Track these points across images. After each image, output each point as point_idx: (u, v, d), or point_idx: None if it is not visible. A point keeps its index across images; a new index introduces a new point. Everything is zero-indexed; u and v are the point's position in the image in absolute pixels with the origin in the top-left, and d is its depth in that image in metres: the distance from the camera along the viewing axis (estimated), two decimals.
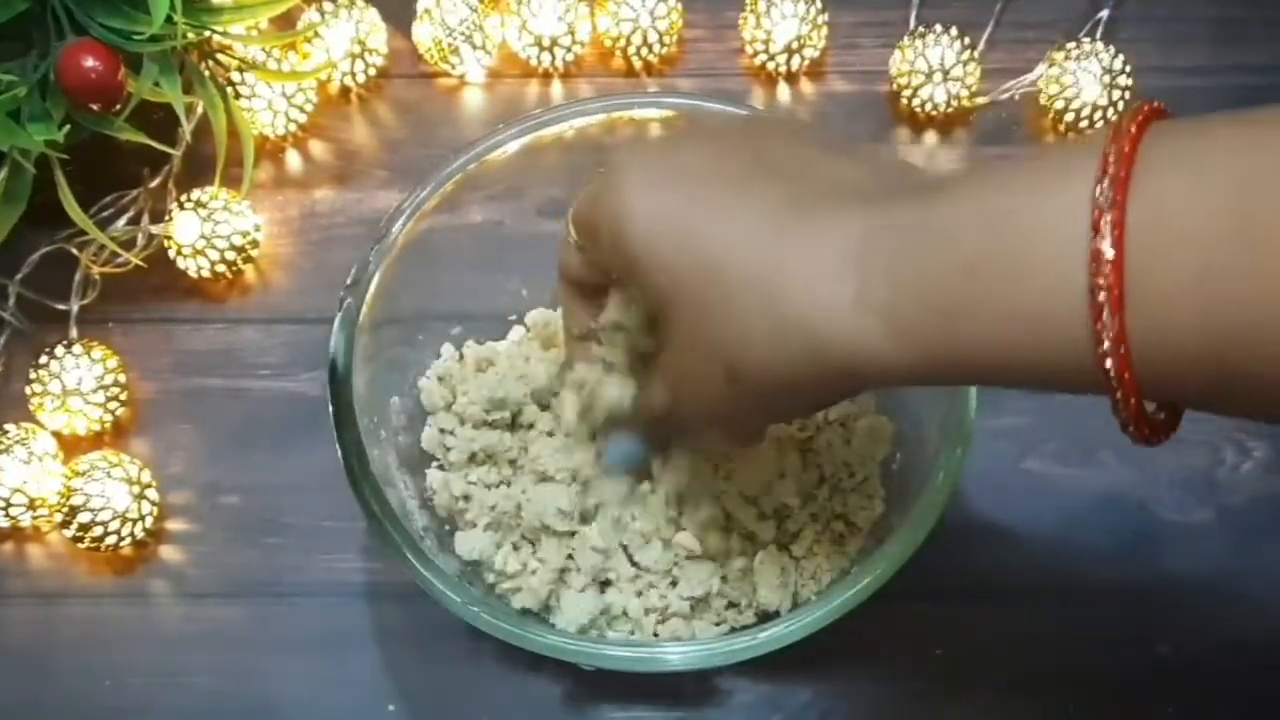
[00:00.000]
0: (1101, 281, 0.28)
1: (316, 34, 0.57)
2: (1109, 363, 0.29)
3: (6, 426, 0.51)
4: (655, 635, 0.46)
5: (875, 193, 0.34)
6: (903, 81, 0.57)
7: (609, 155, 0.40)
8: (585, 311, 0.43)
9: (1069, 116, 0.57)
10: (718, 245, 0.34)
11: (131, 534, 0.49)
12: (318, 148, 0.58)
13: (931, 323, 0.32)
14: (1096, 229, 0.28)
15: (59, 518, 0.49)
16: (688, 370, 0.37)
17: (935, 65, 0.56)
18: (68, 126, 0.49)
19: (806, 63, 0.59)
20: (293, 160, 0.58)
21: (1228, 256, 0.27)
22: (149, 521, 0.50)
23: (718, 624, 0.46)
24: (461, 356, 0.50)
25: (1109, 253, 0.28)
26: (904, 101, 0.58)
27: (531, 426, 0.48)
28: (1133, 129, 0.29)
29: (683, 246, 0.35)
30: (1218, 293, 0.27)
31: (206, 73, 0.53)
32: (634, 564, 0.46)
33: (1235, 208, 0.27)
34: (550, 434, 0.47)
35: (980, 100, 0.58)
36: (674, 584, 0.46)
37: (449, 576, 0.42)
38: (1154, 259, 0.28)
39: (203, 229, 0.54)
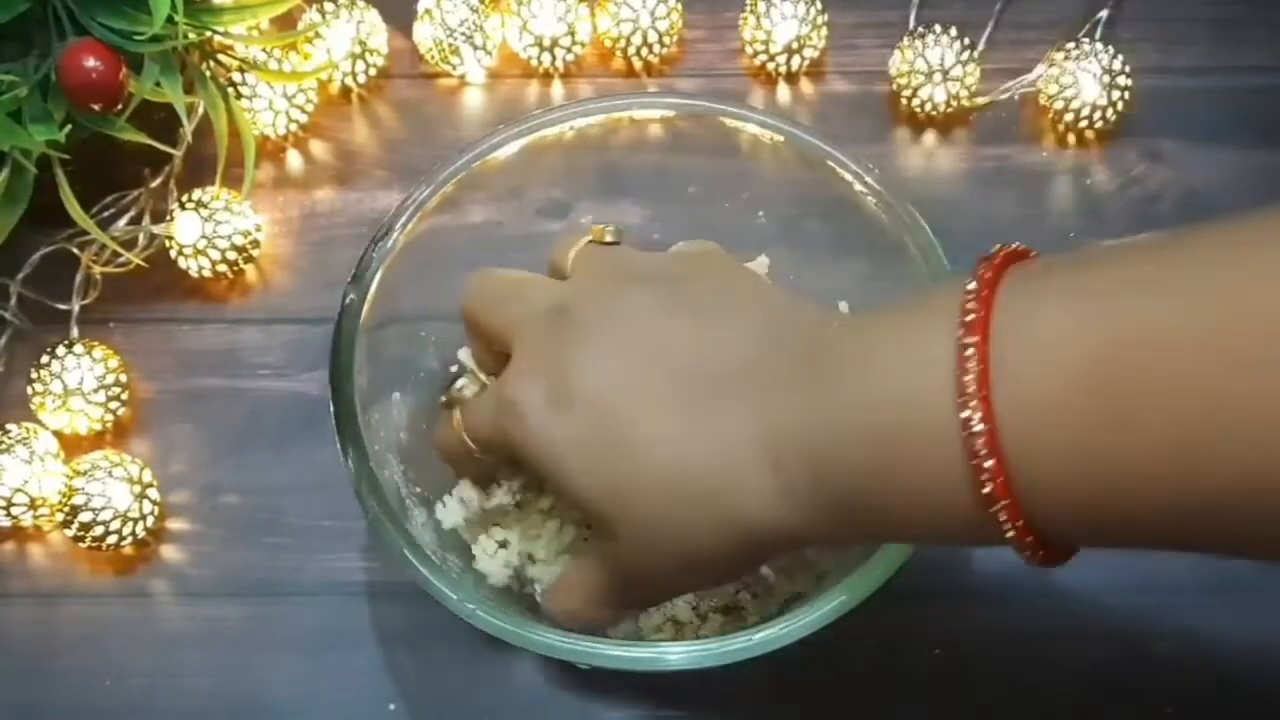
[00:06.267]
0: (977, 438, 0.29)
1: (317, 34, 0.58)
2: (1003, 521, 0.30)
3: (8, 426, 0.51)
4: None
5: (767, 373, 0.36)
6: (902, 82, 0.57)
7: (502, 378, 0.42)
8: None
9: (1068, 117, 0.57)
10: (640, 468, 0.36)
11: (132, 533, 0.49)
12: (318, 148, 0.59)
13: (844, 506, 0.34)
14: (961, 380, 0.30)
15: (60, 517, 0.49)
16: (639, 569, 0.39)
17: (935, 65, 0.56)
18: (69, 127, 0.49)
19: (806, 63, 0.59)
20: (293, 160, 0.58)
21: (1089, 424, 0.28)
22: (150, 521, 0.50)
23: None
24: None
25: (978, 424, 0.29)
26: (904, 101, 0.58)
27: None
28: (988, 283, 0.30)
29: (606, 479, 0.37)
30: (1092, 440, 0.28)
31: (207, 73, 0.53)
32: None
33: (1090, 365, 0.28)
34: None
35: (980, 100, 0.58)
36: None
37: (447, 574, 0.42)
38: (1021, 412, 0.29)
39: (204, 229, 0.54)
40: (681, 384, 0.36)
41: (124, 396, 0.52)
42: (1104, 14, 0.60)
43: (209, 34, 0.52)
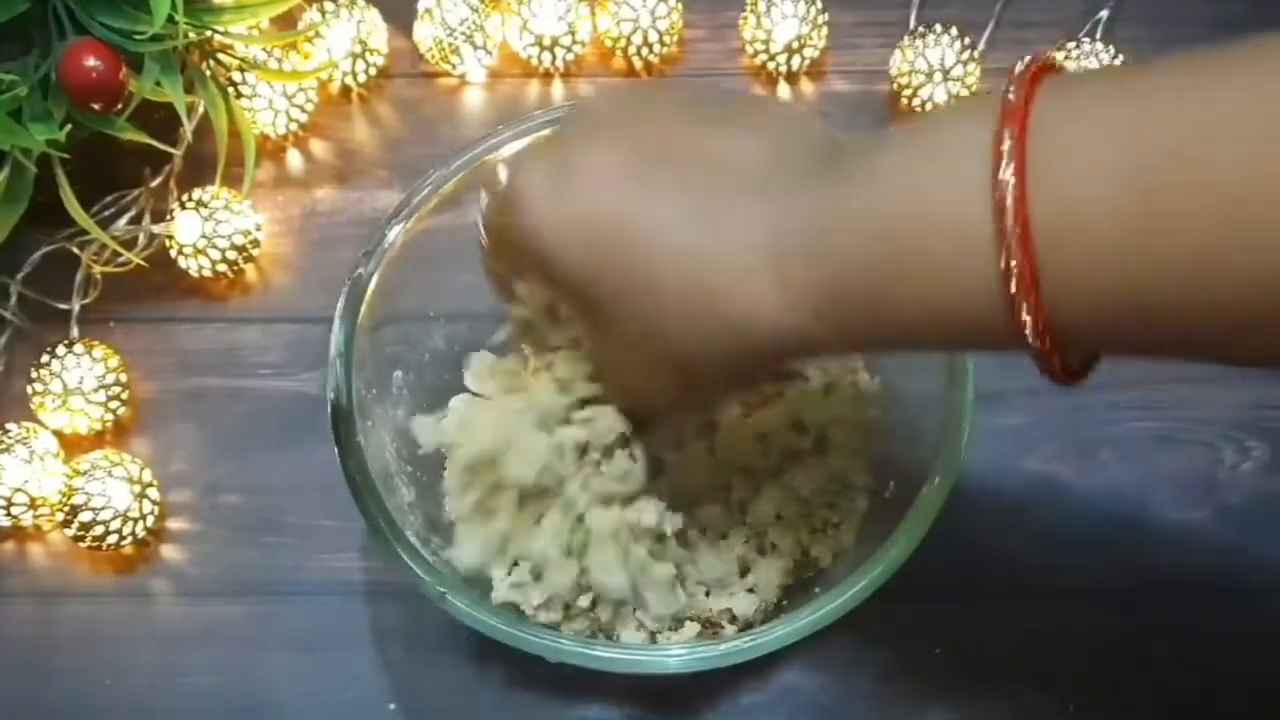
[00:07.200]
0: (1009, 233, 0.29)
1: (317, 34, 0.58)
2: (1026, 320, 0.29)
3: (8, 425, 0.51)
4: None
5: (778, 178, 0.35)
6: (903, 81, 0.57)
7: (509, 165, 0.43)
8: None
9: None
10: (641, 254, 0.35)
11: (132, 533, 0.49)
12: (318, 147, 0.59)
13: (852, 304, 0.33)
14: (996, 177, 0.29)
15: (60, 517, 0.49)
16: (635, 368, 0.38)
17: (935, 65, 0.56)
18: (69, 126, 0.49)
19: (807, 63, 0.59)
20: (293, 160, 0.58)
21: (1121, 225, 0.28)
22: (150, 521, 0.50)
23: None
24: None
25: (1012, 209, 0.29)
26: (904, 101, 0.58)
27: None
28: (1025, 85, 0.30)
29: (605, 259, 0.36)
30: (1123, 242, 0.28)
31: (208, 72, 0.53)
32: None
33: (1127, 170, 0.28)
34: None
35: None
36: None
37: (441, 573, 0.42)
38: (1056, 210, 0.29)
39: (204, 228, 0.54)
40: (688, 181, 0.35)
41: (124, 396, 0.52)
42: (1104, 14, 0.60)
43: (209, 33, 0.52)
